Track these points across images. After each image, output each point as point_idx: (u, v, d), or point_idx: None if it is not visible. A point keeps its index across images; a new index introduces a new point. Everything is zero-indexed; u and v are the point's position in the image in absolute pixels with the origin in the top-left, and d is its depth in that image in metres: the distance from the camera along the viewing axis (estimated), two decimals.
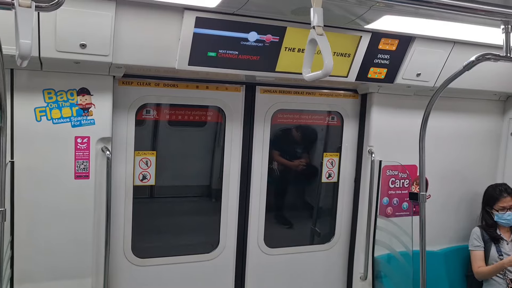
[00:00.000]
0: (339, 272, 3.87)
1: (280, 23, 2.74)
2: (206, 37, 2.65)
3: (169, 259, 3.34)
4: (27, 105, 2.65)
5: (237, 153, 3.42)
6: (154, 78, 3.10)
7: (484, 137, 4.06)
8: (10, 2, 1.40)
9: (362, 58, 3.09)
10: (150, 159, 3.20)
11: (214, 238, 3.47)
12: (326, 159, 3.75)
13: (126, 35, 2.54)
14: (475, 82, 3.45)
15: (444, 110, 3.74)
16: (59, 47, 2.42)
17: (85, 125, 2.77)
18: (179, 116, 3.29)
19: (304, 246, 3.79)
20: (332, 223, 3.83)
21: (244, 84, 3.37)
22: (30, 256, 2.75)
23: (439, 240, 3.88)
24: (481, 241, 3.72)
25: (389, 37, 3.06)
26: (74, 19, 2.38)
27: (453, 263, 3.90)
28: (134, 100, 3.07)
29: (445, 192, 3.94)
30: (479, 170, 4.07)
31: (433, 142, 3.52)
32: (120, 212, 3.12)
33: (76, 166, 2.77)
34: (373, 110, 3.57)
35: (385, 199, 3.67)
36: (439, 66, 3.29)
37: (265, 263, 3.61)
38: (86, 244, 2.85)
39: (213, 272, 3.47)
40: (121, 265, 3.17)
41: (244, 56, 2.81)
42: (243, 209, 3.50)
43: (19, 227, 2.70)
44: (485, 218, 3.80)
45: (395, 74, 3.28)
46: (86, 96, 2.76)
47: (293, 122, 3.70)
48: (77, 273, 2.86)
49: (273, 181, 3.65)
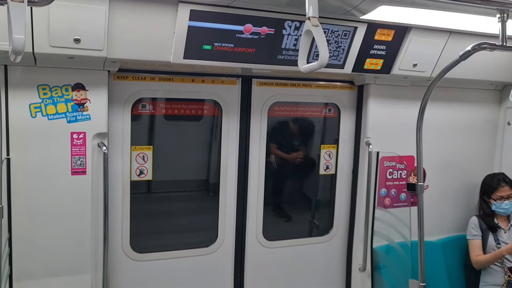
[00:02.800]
0: (338, 263, 3.88)
1: (276, 15, 2.72)
2: (201, 30, 2.63)
3: (167, 254, 3.34)
4: (22, 102, 2.63)
5: (234, 146, 3.41)
6: (150, 72, 3.08)
7: (481, 127, 4.06)
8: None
9: (358, 49, 3.07)
10: (147, 154, 3.18)
11: (212, 232, 3.46)
12: (324, 151, 3.75)
13: (120, 29, 2.51)
14: (472, 72, 3.45)
15: (441, 101, 3.73)
16: (53, 42, 2.40)
17: (81, 120, 2.76)
18: (175, 110, 3.27)
19: (303, 239, 3.79)
20: (330, 215, 3.83)
21: (240, 77, 3.35)
22: (29, 253, 2.75)
23: (437, 230, 3.89)
24: (479, 230, 3.73)
25: (385, 28, 3.04)
26: (67, 14, 2.36)
27: (451, 253, 3.91)
28: (130, 94, 3.05)
29: (443, 182, 3.94)
30: (476, 159, 4.07)
31: (430, 132, 3.52)
32: (118, 208, 3.11)
33: (72, 162, 2.76)
34: (370, 101, 3.56)
35: (383, 190, 3.67)
36: (436, 56, 3.28)
37: (264, 256, 3.61)
38: (84, 240, 2.85)
39: (212, 266, 3.47)
40: (120, 260, 3.17)
41: (240, 49, 2.79)
42: (241, 202, 3.50)
43: (17, 224, 2.69)
44: (483, 207, 3.81)
45: (392, 65, 3.26)
46: (81, 92, 2.74)
47: (290, 115, 3.69)
48: (76, 269, 2.86)
49: (271, 174, 3.64)
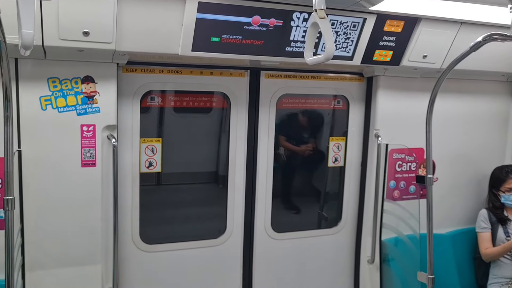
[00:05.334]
0: (346, 255, 3.89)
1: (284, 7, 2.71)
2: (209, 22, 2.63)
3: (177, 245, 3.37)
4: (32, 94, 2.66)
5: (243, 138, 3.41)
6: (158, 64, 3.08)
7: (491, 119, 4.02)
8: None
9: (367, 41, 3.05)
10: (156, 146, 3.20)
11: (221, 223, 3.48)
12: (332, 143, 3.74)
13: (129, 22, 2.52)
14: (482, 63, 3.41)
15: (451, 92, 3.70)
16: (62, 35, 2.41)
17: (91, 113, 2.78)
18: (184, 102, 3.28)
19: (311, 231, 3.79)
20: (339, 207, 3.83)
21: (249, 69, 3.35)
22: (40, 243, 2.79)
23: (446, 223, 3.87)
24: (488, 222, 3.71)
25: (395, 19, 3.01)
26: (76, 7, 2.37)
27: (461, 246, 3.89)
28: (139, 87, 3.07)
29: (452, 174, 3.92)
30: (486, 152, 4.04)
31: (440, 124, 3.49)
32: (128, 199, 3.14)
33: (82, 154, 2.78)
34: (379, 93, 3.54)
35: (392, 183, 3.66)
36: (446, 47, 3.24)
37: (273, 248, 3.63)
38: (95, 231, 2.88)
39: (221, 257, 3.50)
40: (130, 251, 3.20)
41: (248, 41, 2.78)
42: (250, 194, 3.51)
43: (28, 215, 2.73)
44: (492, 200, 3.79)
45: (401, 56, 3.23)
46: (91, 84, 2.75)
47: (298, 107, 3.68)
48: (87, 260, 2.90)
49: (280, 166, 3.65)
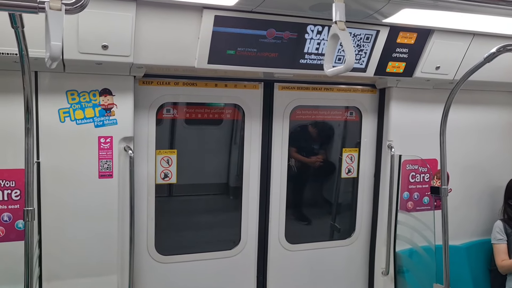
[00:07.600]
0: (360, 267, 3.87)
1: (298, 19, 2.75)
2: (225, 35, 2.67)
3: (191, 256, 3.38)
4: (51, 107, 2.71)
5: (257, 150, 3.44)
6: (174, 77, 3.13)
7: (505, 130, 4.01)
8: (40, 6, 1.43)
9: (381, 53, 3.07)
10: (171, 158, 3.23)
11: (235, 235, 3.50)
12: (345, 154, 3.75)
13: (147, 35, 2.57)
14: (496, 74, 3.41)
15: (464, 103, 3.70)
16: (82, 48, 2.46)
17: (108, 125, 2.82)
18: (199, 114, 3.32)
19: (325, 242, 3.79)
20: (352, 218, 3.83)
21: (263, 81, 3.39)
22: (58, 254, 2.81)
23: (460, 234, 3.84)
24: (504, 234, 3.68)
25: (407, 31, 3.04)
26: (95, 21, 2.42)
27: (476, 257, 3.86)
28: (155, 99, 3.11)
29: (466, 185, 3.90)
30: (500, 163, 4.02)
31: (453, 135, 3.48)
32: (143, 210, 3.16)
33: (100, 166, 2.82)
34: (392, 104, 3.55)
35: (405, 194, 3.65)
36: (459, 58, 3.26)
37: (287, 259, 3.62)
38: (111, 242, 2.91)
39: (235, 268, 3.50)
40: (145, 262, 3.22)
41: (263, 53, 2.82)
42: (264, 205, 3.52)
43: (46, 226, 2.76)
44: (508, 211, 3.76)
45: (414, 68, 3.25)
46: (108, 97, 2.80)
47: (311, 118, 3.70)
48: (103, 271, 2.92)
49: (293, 178, 3.66)
